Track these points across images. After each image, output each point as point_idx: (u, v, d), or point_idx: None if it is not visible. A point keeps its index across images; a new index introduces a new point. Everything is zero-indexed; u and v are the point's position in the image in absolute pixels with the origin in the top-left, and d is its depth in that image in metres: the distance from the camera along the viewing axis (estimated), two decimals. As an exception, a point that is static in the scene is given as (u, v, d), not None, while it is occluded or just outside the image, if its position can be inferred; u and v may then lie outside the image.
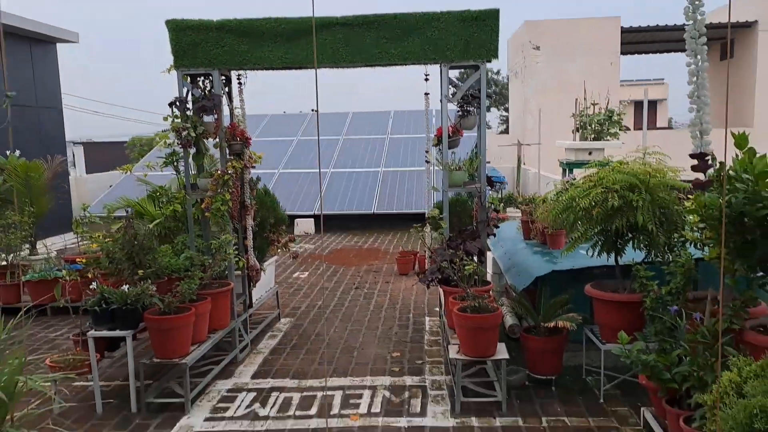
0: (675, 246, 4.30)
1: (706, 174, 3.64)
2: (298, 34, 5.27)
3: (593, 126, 7.48)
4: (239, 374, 5.26)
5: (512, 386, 4.73)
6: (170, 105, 5.28)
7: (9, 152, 8.36)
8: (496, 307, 4.48)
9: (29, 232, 7.74)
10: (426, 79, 5.76)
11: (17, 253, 7.54)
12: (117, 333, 4.57)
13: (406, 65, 5.42)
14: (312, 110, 19.95)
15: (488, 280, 5.32)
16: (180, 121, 5.27)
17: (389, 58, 5.31)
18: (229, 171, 5.41)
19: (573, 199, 4.41)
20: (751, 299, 3.57)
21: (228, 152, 5.61)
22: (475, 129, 5.50)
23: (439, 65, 5.34)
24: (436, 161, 5.62)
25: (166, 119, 5.33)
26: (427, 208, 6.20)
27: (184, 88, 5.38)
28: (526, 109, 19.80)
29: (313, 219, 12.98)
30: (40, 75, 12.10)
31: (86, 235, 6.68)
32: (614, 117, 7.50)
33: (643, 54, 23.42)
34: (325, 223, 13.32)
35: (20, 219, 7.52)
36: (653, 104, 30.85)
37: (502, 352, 4.44)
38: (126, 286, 4.74)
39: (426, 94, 6.12)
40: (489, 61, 5.26)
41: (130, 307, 4.56)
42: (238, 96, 5.90)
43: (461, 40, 5.20)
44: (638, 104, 24.64)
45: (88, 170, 18.52)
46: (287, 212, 7.35)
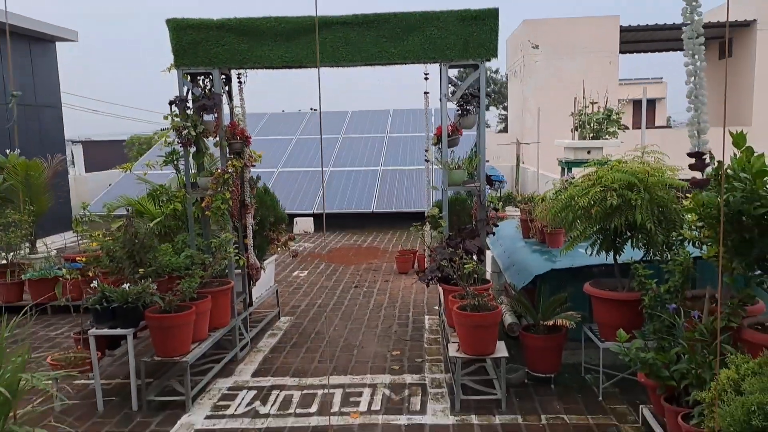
0: (673, 244, 4.31)
1: (704, 173, 3.66)
2: (298, 34, 5.28)
3: (592, 125, 7.50)
4: (239, 372, 5.28)
5: (512, 384, 4.76)
6: (170, 104, 5.29)
7: (9, 151, 8.37)
8: (496, 306, 4.50)
9: (29, 231, 7.76)
10: (426, 78, 5.78)
11: (17, 252, 7.56)
12: (118, 331, 4.58)
13: (406, 64, 5.43)
14: (311, 109, 20.01)
15: (487, 279, 5.34)
16: (180, 120, 5.28)
17: (389, 57, 5.32)
18: (230, 170, 5.43)
19: (572, 198, 4.42)
20: (749, 297, 3.60)
21: (228, 151, 5.63)
22: (475, 128, 5.52)
23: (439, 64, 5.36)
24: (436, 160, 5.63)
25: (167, 118, 5.34)
26: (427, 207, 6.21)
27: (185, 87, 5.40)
28: (525, 108, 19.82)
29: (312, 218, 12.99)
30: (40, 74, 12.09)
31: (86, 234, 6.70)
32: (613, 116, 7.52)
33: (642, 53, 23.46)
34: (325, 222, 13.33)
35: (20, 218, 7.54)
36: (652, 103, 30.85)
37: (502, 350, 4.46)
38: (127, 285, 4.75)
39: (425, 93, 6.13)
40: (488, 61, 5.28)
41: (131, 306, 4.56)
42: (238, 95, 5.92)
43: (461, 40, 5.22)
44: (637, 103, 24.68)
45: (87, 169, 18.53)
46: (286, 211, 7.37)
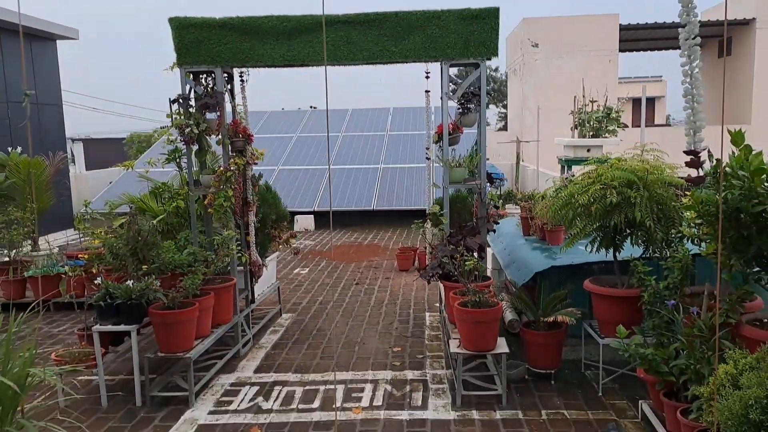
0: (672, 242, 4.35)
1: (699, 170, 3.70)
2: (300, 32, 5.31)
3: (592, 123, 7.53)
4: (242, 369, 5.32)
5: (512, 380, 4.80)
6: (173, 102, 5.32)
7: (11, 149, 8.41)
8: (497, 302, 4.54)
9: (31, 229, 7.79)
10: (427, 77, 5.81)
11: (20, 250, 7.59)
12: (122, 327, 4.62)
13: (407, 63, 5.46)
14: (311, 107, 20.01)
15: (488, 276, 5.38)
16: (183, 118, 5.31)
17: (390, 56, 5.35)
18: (232, 167, 5.46)
19: (572, 196, 4.46)
20: (747, 294, 3.64)
21: (230, 149, 5.66)
22: (475, 126, 5.56)
23: (440, 63, 5.39)
24: (437, 158, 5.67)
25: (169, 116, 5.37)
26: (428, 205, 6.25)
27: (187, 86, 5.43)
28: (525, 107, 19.85)
29: (313, 215, 13.03)
30: (41, 72, 12.12)
31: (88, 231, 6.72)
32: (612, 114, 7.55)
33: (642, 51, 23.49)
34: (325, 220, 13.36)
35: (22, 215, 7.57)
36: (651, 101, 30.89)
37: (503, 347, 4.50)
38: (130, 282, 4.79)
39: (427, 92, 6.16)
40: (489, 59, 5.32)
41: (135, 302, 4.60)
42: (240, 93, 5.94)
43: (461, 38, 5.25)
44: (636, 101, 24.73)
45: (87, 167, 18.54)
46: (287, 209, 7.40)
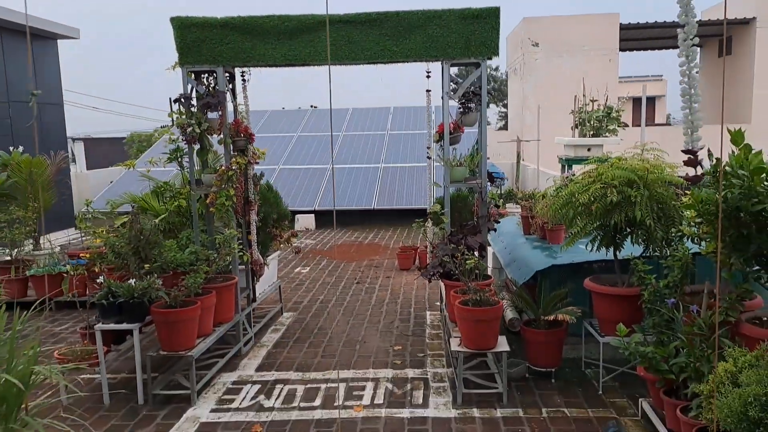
0: (672, 240, 4.37)
1: (696, 169, 3.72)
2: (301, 32, 5.33)
3: (592, 122, 7.55)
4: (244, 367, 5.34)
5: (513, 378, 4.82)
6: (175, 101, 5.34)
7: (12, 148, 8.43)
8: (497, 301, 4.56)
9: (33, 228, 7.82)
10: (428, 76, 5.83)
11: (21, 249, 7.62)
12: (124, 326, 4.64)
13: (408, 62, 5.48)
14: (311, 106, 20.02)
15: (489, 275, 5.40)
16: (185, 118, 5.33)
17: (391, 56, 5.37)
18: (234, 167, 5.48)
19: (572, 195, 4.48)
20: (747, 292, 3.66)
21: (232, 148, 5.68)
22: (476, 125, 5.57)
23: (441, 62, 5.41)
24: (438, 157, 5.69)
25: (171, 115, 5.39)
26: (429, 204, 6.27)
27: (189, 85, 5.44)
28: (525, 106, 19.86)
29: (314, 215, 13.05)
30: (41, 71, 12.13)
31: (90, 231, 6.74)
32: (613, 113, 7.57)
33: (642, 50, 23.50)
34: (325, 219, 13.38)
35: (24, 214, 7.59)
36: (651, 100, 30.91)
37: (503, 345, 4.52)
38: (132, 280, 4.81)
39: (428, 91, 6.18)
40: (490, 59, 5.34)
41: (137, 301, 4.62)
42: (242, 92, 5.96)
43: (462, 38, 5.27)
44: (637, 100, 24.74)
45: (88, 166, 18.57)
46: (288, 208, 7.42)
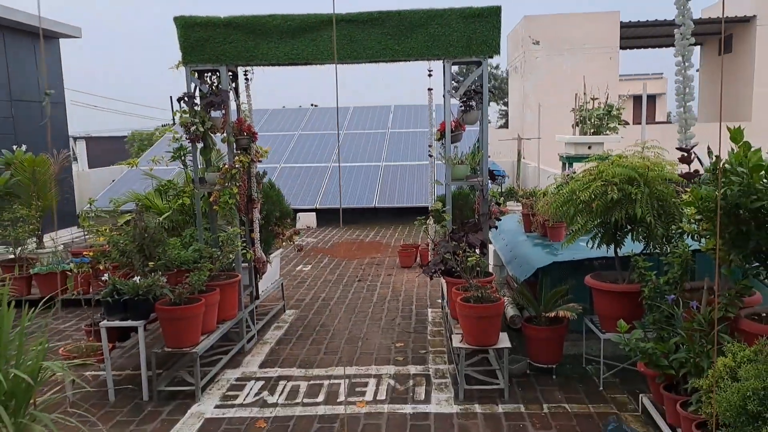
0: (672, 237, 4.40)
1: (690, 166, 3.77)
2: (304, 31, 5.36)
3: (593, 120, 7.60)
4: (247, 364, 5.38)
5: (514, 374, 4.86)
6: (179, 100, 5.38)
7: (15, 147, 8.47)
8: (499, 298, 4.59)
9: (36, 226, 7.86)
10: (429, 75, 5.86)
11: (25, 247, 7.66)
12: (129, 323, 4.68)
13: (410, 61, 5.51)
14: (312, 105, 20.05)
15: (490, 272, 5.43)
16: (188, 117, 5.37)
17: (393, 54, 5.40)
18: (237, 165, 5.52)
19: (573, 193, 4.51)
20: (746, 288, 3.69)
21: (235, 147, 5.71)
22: (477, 124, 5.61)
23: (442, 61, 5.44)
24: (439, 155, 5.72)
25: (176, 114, 5.43)
26: (430, 202, 6.31)
27: (192, 84, 5.48)
28: (526, 104, 19.88)
29: (315, 213, 13.09)
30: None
31: (93, 229, 6.79)
32: (613, 111, 7.62)
33: (642, 48, 23.51)
34: (327, 217, 13.42)
35: (27, 213, 7.63)
36: (652, 98, 30.92)
37: (504, 341, 4.56)
38: (137, 278, 4.85)
39: (429, 90, 6.22)
40: (491, 57, 5.37)
41: (142, 298, 4.66)
42: (245, 91, 6.00)
43: (464, 37, 5.30)
44: (637, 98, 24.74)
45: (89, 165, 18.60)
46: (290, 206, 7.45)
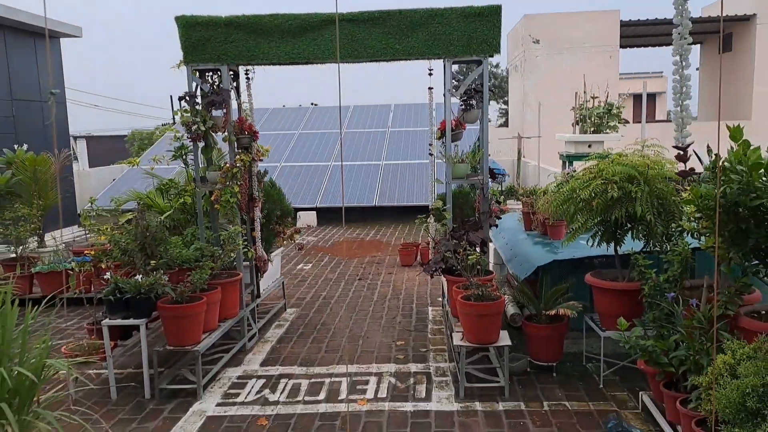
0: (672, 235, 4.42)
1: (686, 164, 3.79)
2: (305, 31, 5.38)
3: (593, 119, 7.61)
4: (248, 362, 5.40)
5: (514, 372, 4.88)
6: (180, 99, 5.39)
7: (16, 146, 8.49)
8: (499, 295, 4.61)
9: (38, 225, 7.87)
10: (430, 74, 5.88)
11: (26, 246, 7.67)
12: (131, 321, 4.70)
13: (410, 60, 5.53)
14: (312, 104, 20.06)
15: (490, 270, 5.45)
16: (190, 116, 5.38)
17: (393, 54, 5.42)
18: (238, 164, 5.54)
19: (573, 191, 4.53)
20: (745, 286, 3.71)
21: (236, 146, 5.73)
22: (478, 122, 5.62)
23: (443, 60, 5.45)
24: (440, 154, 5.74)
25: (177, 113, 5.45)
26: (431, 201, 6.33)
27: (194, 83, 5.49)
28: (526, 103, 19.88)
29: (315, 212, 13.10)
30: (44, 69, 12.17)
31: (94, 228, 6.81)
32: (613, 110, 7.63)
33: (642, 47, 23.50)
34: (327, 216, 13.44)
35: (29, 212, 7.65)
36: (652, 97, 30.93)
37: (505, 339, 4.58)
38: (139, 276, 4.87)
39: (430, 89, 6.24)
40: (491, 56, 5.38)
41: (144, 297, 4.68)
42: (246, 91, 6.01)
43: (464, 36, 5.32)
44: (637, 97, 24.74)
45: (90, 164, 18.62)
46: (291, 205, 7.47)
